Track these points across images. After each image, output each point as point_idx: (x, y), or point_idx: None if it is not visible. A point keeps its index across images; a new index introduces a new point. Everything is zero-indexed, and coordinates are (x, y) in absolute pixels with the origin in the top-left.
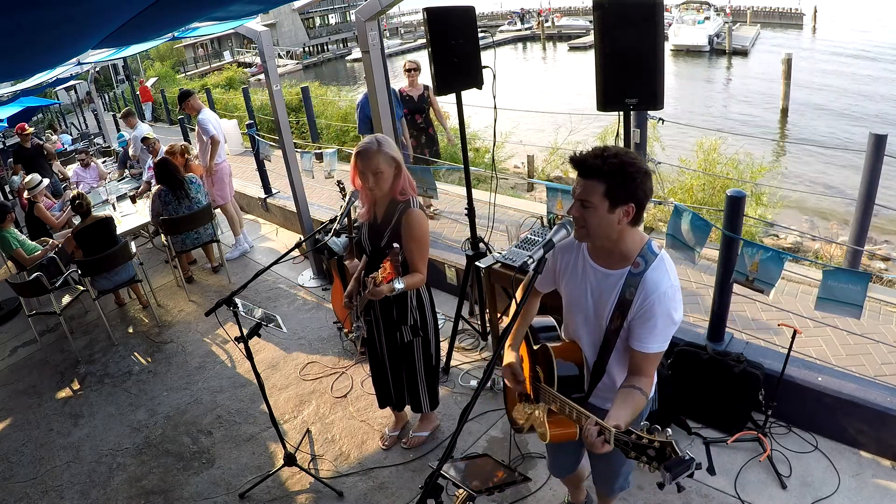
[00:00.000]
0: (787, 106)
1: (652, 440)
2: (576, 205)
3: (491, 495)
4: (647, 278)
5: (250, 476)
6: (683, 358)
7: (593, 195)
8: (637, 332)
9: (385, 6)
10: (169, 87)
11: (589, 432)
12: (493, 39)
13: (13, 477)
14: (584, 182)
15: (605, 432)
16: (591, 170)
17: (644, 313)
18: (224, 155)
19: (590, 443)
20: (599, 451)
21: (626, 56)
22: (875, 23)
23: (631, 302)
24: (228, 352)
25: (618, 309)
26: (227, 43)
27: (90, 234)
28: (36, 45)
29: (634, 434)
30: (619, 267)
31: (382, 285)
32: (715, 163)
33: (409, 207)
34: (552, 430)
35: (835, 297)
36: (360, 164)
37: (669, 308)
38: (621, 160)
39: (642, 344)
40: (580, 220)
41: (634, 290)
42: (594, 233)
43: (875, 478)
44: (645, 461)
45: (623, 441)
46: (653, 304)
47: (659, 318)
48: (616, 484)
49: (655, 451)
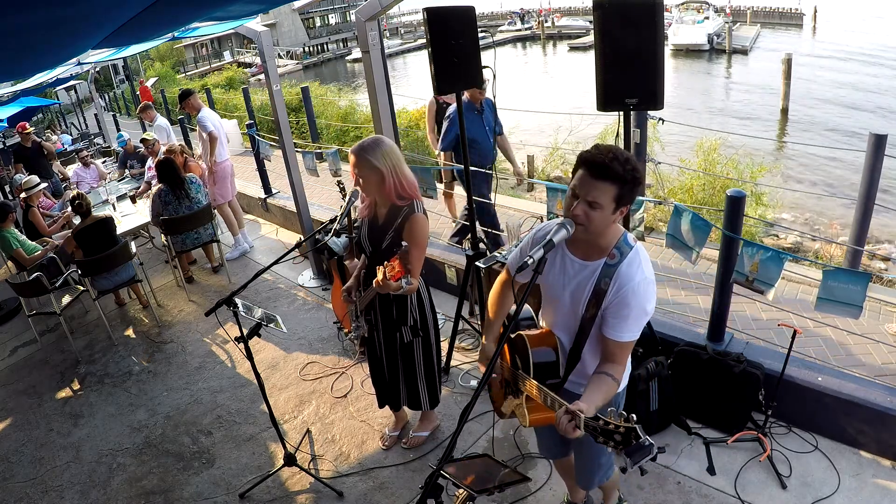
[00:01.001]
0: (787, 106)
1: (618, 426)
2: (581, 204)
3: (491, 495)
4: (622, 270)
5: (250, 476)
6: (683, 358)
7: (604, 197)
8: (610, 321)
9: (385, 6)
10: (169, 87)
11: (560, 419)
12: (493, 39)
13: (13, 477)
14: (595, 183)
15: (575, 418)
16: (608, 173)
17: (618, 303)
18: (226, 154)
19: (562, 429)
20: (571, 437)
21: (626, 56)
22: (875, 23)
23: (605, 292)
24: (228, 352)
25: (593, 298)
26: (227, 43)
27: (90, 234)
28: (36, 46)
29: (602, 420)
30: (595, 258)
31: (391, 282)
32: (715, 163)
33: (414, 212)
34: (531, 415)
35: (835, 297)
36: (352, 162)
37: (642, 300)
38: (633, 166)
39: (615, 333)
40: (583, 219)
41: (609, 281)
42: (594, 231)
43: (875, 478)
44: (612, 446)
45: (592, 426)
46: (626, 295)
47: (632, 308)
48: (595, 477)
49: (621, 437)
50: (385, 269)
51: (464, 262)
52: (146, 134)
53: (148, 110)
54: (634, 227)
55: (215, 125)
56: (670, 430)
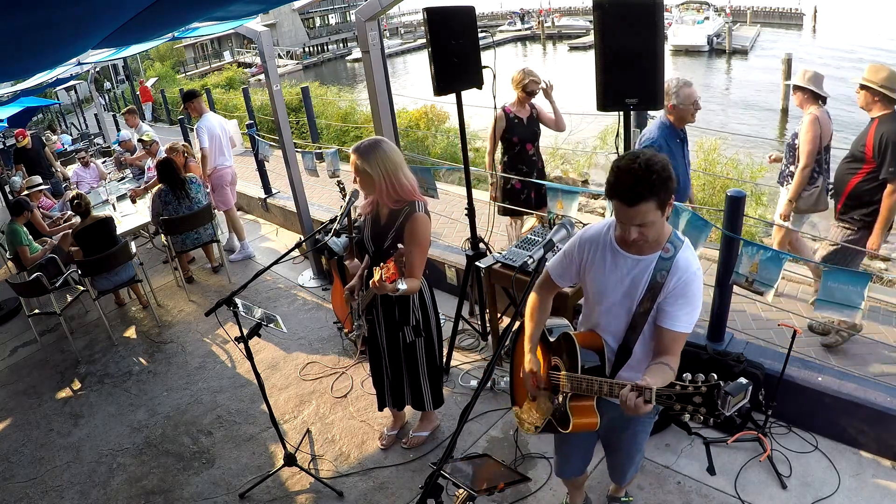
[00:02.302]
0: (787, 106)
1: (698, 386)
2: (633, 229)
3: (491, 495)
4: (680, 259)
5: (250, 476)
6: (683, 358)
7: (649, 215)
8: (668, 310)
9: (385, 6)
10: (169, 87)
11: (627, 397)
12: (493, 39)
13: (13, 477)
14: (635, 210)
15: (644, 392)
16: (642, 197)
17: (676, 291)
18: (230, 160)
19: (629, 406)
20: (641, 412)
21: (626, 56)
22: (875, 23)
23: (662, 284)
24: (228, 352)
25: (649, 291)
26: (227, 43)
27: (90, 234)
28: (36, 46)
29: (678, 385)
30: (649, 252)
31: (386, 284)
32: (715, 163)
33: (415, 212)
34: (575, 418)
35: (834, 297)
36: (353, 161)
37: (698, 291)
38: (656, 172)
39: (673, 322)
40: (642, 239)
41: (666, 273)
42: (653, 239)
43: (875, 478)
44: (692, 410)
45: (665, 395)
46: (686, 282)
47: (689, 298)
48: (630, 472)
49: (702, 397)
50: (381, 270)
51: (464, 262)
52: (145, 135)
53: (131, 115)
54: None
55: (215, 133)
56: (670, 430)
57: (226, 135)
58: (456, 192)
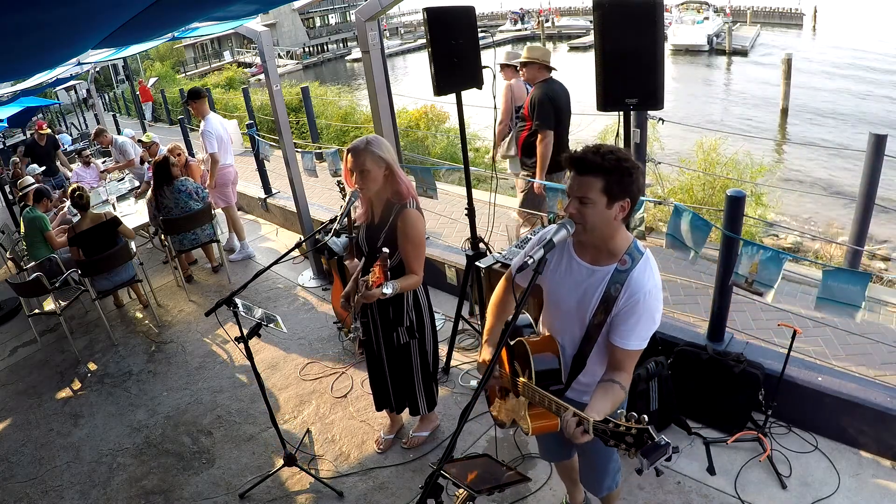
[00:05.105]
0: (787, 106)
1: (629, 427)
2: (573, 202)
3: (491, 495)
4: (634, 277)
5: (250, 476)
6: (683, 358)
7: (592, 191)
8: (619, 328)
9: (385, 6)
10: (169, 87)
11: (568, 423)
12: (493, 39)
13: (13, 477)
14: (581, 179)
15: (584, 422)
16: (589, 166)
17: (628, 310)
18: (231, 159)
19: (569, 433)
20: (579, 441)
21: (626, 56)
22: (875, 23)
23: (616, 298)
24: (228, 352)
25: (602, 304)
26: (227, 43)
27: (90, 234)
28: (36, 45)
29: (612, 422)
30: (605, 263)
31: (373, 289)
32: (715, 163)
33: (406, 208)
34: (534, 423)
35: (834, 297)
36: (349, 161)
37: (652, 308)
38: (617, 156)
39: (623, 340)
40: (578, 217)
41: (620, 287)
42: (592, 229)
43: (875, 478)
44: (624, 448)
45: (601, 430)
46: (637, 302)
47: (642, 316)
48: (604, 483)
49: (633, 438)
50: (369, 276)
51: (464, 262)
52: (145, 135)
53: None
54: (635, 226)
55: (220, 134)
56: (670, 430)
57: (227, 135)
58: (456, 192)
